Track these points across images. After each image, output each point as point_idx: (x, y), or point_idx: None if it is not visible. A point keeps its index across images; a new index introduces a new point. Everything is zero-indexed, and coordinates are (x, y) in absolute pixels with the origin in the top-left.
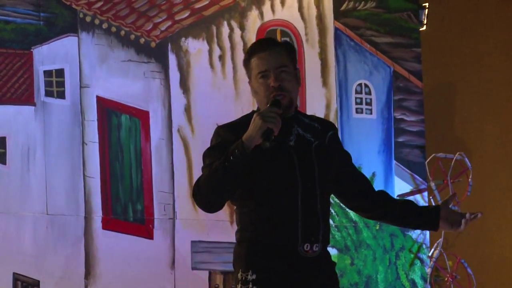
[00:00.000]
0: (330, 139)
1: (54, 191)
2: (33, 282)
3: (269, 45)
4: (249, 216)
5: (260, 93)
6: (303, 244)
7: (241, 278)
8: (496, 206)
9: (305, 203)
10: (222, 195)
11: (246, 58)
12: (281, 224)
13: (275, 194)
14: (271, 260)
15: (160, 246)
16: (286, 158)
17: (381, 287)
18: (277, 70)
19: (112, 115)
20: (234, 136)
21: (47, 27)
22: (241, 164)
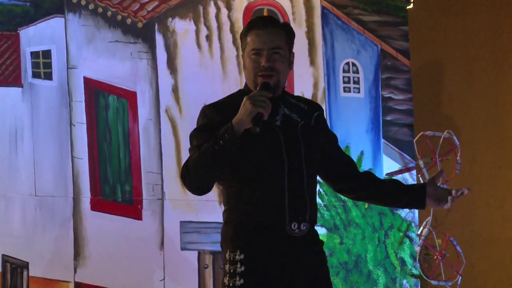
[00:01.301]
0: (316, 119)
1: (42, 173)
2: (22, 263)
3: (269, 24)
4: (236, 196)
5: (249, 70)
6: (290, 223)
7: (229, 258)
8: (485, 183)
9: (292, 182)
10: (211, 178)
11: (243, 31)
12: (268, 204)
13: (262, 174)
14: (258, 239)
15: (149, 226)
16: (273, 138)
17: (371, 266)
18: (271, 51)
19: (99, 96)
20: (221, 116)
21: (34, 8)
22: (230, 148)
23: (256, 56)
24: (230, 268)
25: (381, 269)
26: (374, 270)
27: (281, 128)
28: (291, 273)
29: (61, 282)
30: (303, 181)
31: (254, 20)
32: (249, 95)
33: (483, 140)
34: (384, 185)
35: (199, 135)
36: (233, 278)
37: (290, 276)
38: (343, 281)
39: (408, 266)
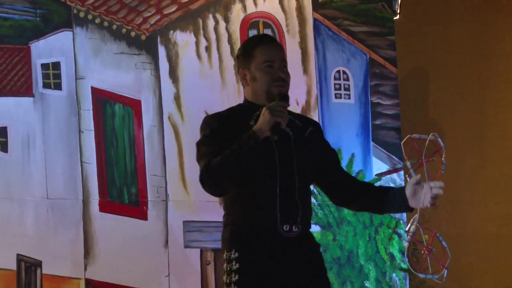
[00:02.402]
0: (310, 134)
1: (54, 177)
2: (36, 262)
3: (274, 40)
4: (233, 201)
5: (263, 81)
6: (282, 225)
7: (226, 257)
8: (469, 183)
9: (284, 188)
10: (235, 180)
11: (248, 47)
12: (261, 207)
13: (256, 181)
14: (252, 239)
15: (154, 226)
16: (267, 147)
17: (362, 260)
18: (282, 63)
19: (106, 104)
20: (222, 125)
21: (43, 23)
22: (253, 153)
23: (269, 68)
24: (227, 267)
25: (372, 263)
26: (365, 264)
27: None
28: (283, 271)
29: (72, 279)
30: (295, 187)
31: (258, 37)
32: (268, 106)
33: (466, 142)
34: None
35: (208, 142)
36: (229, 275)
37: (282, 274)
38: (336, 275)
39: (397, 260)
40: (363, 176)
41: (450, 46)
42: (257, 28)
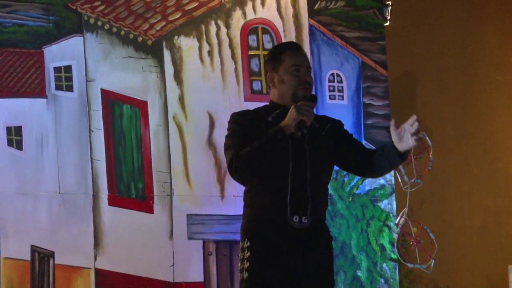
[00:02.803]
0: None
1: (65, 173)
2: (49, 253)
3: (300, 47)
4: (250, 195)
5: (290, 83)
6: (292, 216)
7: (240, 247)
8: (454, 179)
9: (295, 182)
10: (260, 168)
11: (277, 52)
12: (273, 199)
13: (270, 176)
14: (264, 229)
15: (160, 219)
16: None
17: (354, 251)
18: (308, 69)
19: (114, 105)
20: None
21: (56, 29)
22: (279, 146)
23: (296, 72)
24: (241, 255)
25: (363, 254)
26: (358, 255)
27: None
28: (292, 260)
29: (83, 268)
30: (306, 181)
31: (286, 44)
32: (295, 105)
33: (452, 140)
34: (379, 159)
35: (235, 135)
36: (242, 263)
37: (290, 263)
38: None
39: (387, 251)
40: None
41: (437, 51)
42: (256, 34)
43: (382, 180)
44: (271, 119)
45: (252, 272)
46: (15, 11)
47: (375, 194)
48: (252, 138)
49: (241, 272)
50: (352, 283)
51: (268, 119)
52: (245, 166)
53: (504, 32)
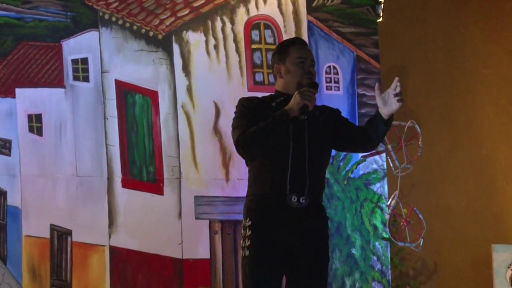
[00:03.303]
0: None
1: (82, 157)
2: (66, 231)
3: (305, 43)
4: (253, 174)
5: (296, 73)
6: (290, 195)
7: (243, 225)
8: (442, 164)
9: (294, 163)
10: (264, 147)
11: (284, 46)
12: (274, 180)
13: (272, 156)
14: (263, 208)
15: (169, 200)
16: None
17: (349, 231)
18: (312, 62)
19: (127, 95)
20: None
21: (73, 24)
22: (283, 128)
23: (302, 63)
24: (243, 233)
25: (357, 233)
26: (352, 234)
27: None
28: (290, 238)
29: (98, 246)
30: (305, 163)
31: (293, 39)
32: (299, 90)
33: (439, 128)
34: (368, 130)
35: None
36: (244, 241)
37: (288, 240)
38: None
39: (380, 231)
40: (350, 158)
41: (426, 45)
42: (258, 29)
43: (375, 165)
44: (275, 105)
45: (253, 249)
46: (35, 7)
47: (368, 178)
48: (257, 120)
49: (243, 249)
50: (347, 260)
51: (272, 104)
52: (251, 143)
53: (488, 27)
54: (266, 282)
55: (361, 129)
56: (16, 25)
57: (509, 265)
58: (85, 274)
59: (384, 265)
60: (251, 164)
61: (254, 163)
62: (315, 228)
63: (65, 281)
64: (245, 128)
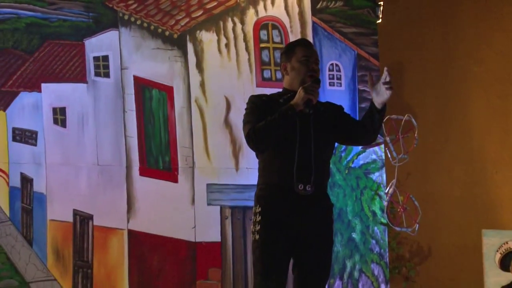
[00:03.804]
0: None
1: (103, 147)
2: (88, 216)
3: (310, 43)
4: (263, 165)
5: (300, 71)
6: (297, 184)
7: (253, 211)
8: (436, 155)
9: (301, 154)
10: (273, 139)
11: (291, 46)
12: (281, 169)
13: (280, 148)
14: (272, 196)
15: (183, 188)
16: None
17: (350, 216)
18: (316, 61)
19: (145, 89)
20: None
21: (95, 24)
22: (289, 121)
23: (306, 61)
24: (253, 219)
25: (357, 219)
26: (353, 219)
27: (299, 117)
28: (296, 224)
29: (118, 229)
30: (311, 154)
31: (299, 40)
32: (303, 86)
33: (433, 122)
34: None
35: (252, 112)
36: (254, 226)
37: (295, 226)
38: None
39: (378, 216)
40: (351, 149)
41: (422, 45)
42: (266, 29)
43: (374, 155)
44: (282, 101)
45: (263, 234)
46: (60, 8)
47: (367, 168)
48: (266, 115)
49: (253, 234)
50: (348, 243)
51: (280, 100)
52: (260, 137)
53: (479, 28)
54: (275, 264)
55: (360, 122)
56: (42, 24)
57: (498, 248)
58: (105, 256)
59: (382, 248)
60: (261, 155)
61: (264, 155)
62: (320, 214)
63: (87, 262)
64: (254, 123)
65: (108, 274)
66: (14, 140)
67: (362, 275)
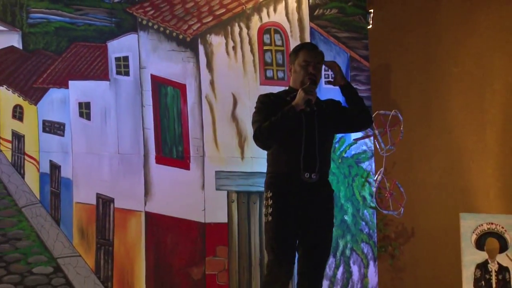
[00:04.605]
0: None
1: (123, 138)
2: (110, 199)
3: (314, 47)
4: (272, 156)
5: (300, 73)
6: (304, 173)
7: (265, 196)
8: (419, 146)
9: (307, 146)
10: (278, 137)
11: (296, 49)
12: (290, 160)
13: (288, 141)
14: (282, 183)
15: (194, 174)
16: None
17: (342, 200)
18: (317, 65)
19: (161, 87)
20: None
21: (117, 28)
22: (292, 121)
23: (306, 66)
24: (265, 203)
25: (349, 203)
26: (345, 203)
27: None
28: (303, 207)
29: (136, 211)
30: (315, 146)
31: (304, 43)
32: (303, 87)
33: (417, 117)
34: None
35: (260, 112)
36: (267, 209)
37: (302, 209)
38: None
39: (368, 201)
40: (344, 141)
41: (407, 48)
42: (269, 34)
43: (364, 147)
44: (289, 99)
45: (275, 216)
46: (86, 14)
47: (358, 157)
48: (273, 113)
49: (266, 216)
50: (341, 224)
51: (287, 98)
52: (266, 136)
53: (458, 33)
54: (286, 242)
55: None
56: (70, 28)
57: (474, 230)
58: (125, 235)
59: (371, 229)
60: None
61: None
62: (323, 199)
63: (108, 240)
64: (261, 122)
65: (127, 251)
66: (44, 131)
67: (353, 253)
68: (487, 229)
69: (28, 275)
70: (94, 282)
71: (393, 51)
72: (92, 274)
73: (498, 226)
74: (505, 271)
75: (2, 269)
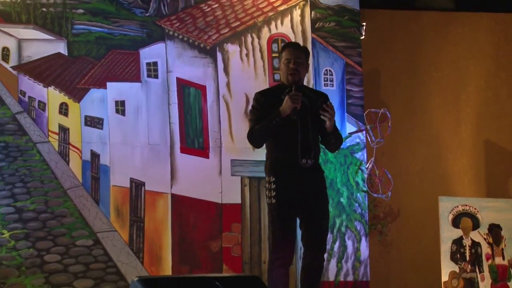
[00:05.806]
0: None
1: (152, 131)
2: (141, 183)
3: (295, 46)
4: (271, 144)
5: (283, 71)
6: (301, 159)
7: (267, 181)
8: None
9: (302, 136)
10: (266, 140)
11: (281, 49)
12: (289, 148)
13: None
14: (282, 168)
15: (213, 162)
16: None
17: (339, 185)
18: (297, 60)
19: (185, 88)
20: (264, 98)
21: (148, 38)
22: (279, 125)
23: (287, 63)
24: (267, 187)
25: (344, 187)
26: (341, 188)
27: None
28: (301, 188)
29: (163, 193)
30: (309, 135)
31: (286, 44)
32: (289, 95)
33: (403, 114)
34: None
35: (254, 112)
36: (269, 192)
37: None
38: None
39: (360, 186)
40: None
41: (394, 55)
42: (277, 43)
43: (358, 139)
44: (283, 97)
45: (277, 198)
46: (121, 26)
47: (353, 148)
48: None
49: (270, 198)
50: (337, 206)
51: (282, 97)
52: (255, 138)
53: (438, 41)
54: (289, 221)
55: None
56: (108, 37)
57: (451, 211)
58: (154, 213)
59: (363, 210)
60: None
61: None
62: (318, 180)
63: (140, 217)
64: (254, 123)
65: (156, 227)
66: (85, 125)
67: (347, 230)
68: (462, 210)
69: (72, 247)
70: (128, 253)
71: (382, 58)
72: (126, 246)
73: (471, 208)
74: (477, 246)
75: (50, 242)
